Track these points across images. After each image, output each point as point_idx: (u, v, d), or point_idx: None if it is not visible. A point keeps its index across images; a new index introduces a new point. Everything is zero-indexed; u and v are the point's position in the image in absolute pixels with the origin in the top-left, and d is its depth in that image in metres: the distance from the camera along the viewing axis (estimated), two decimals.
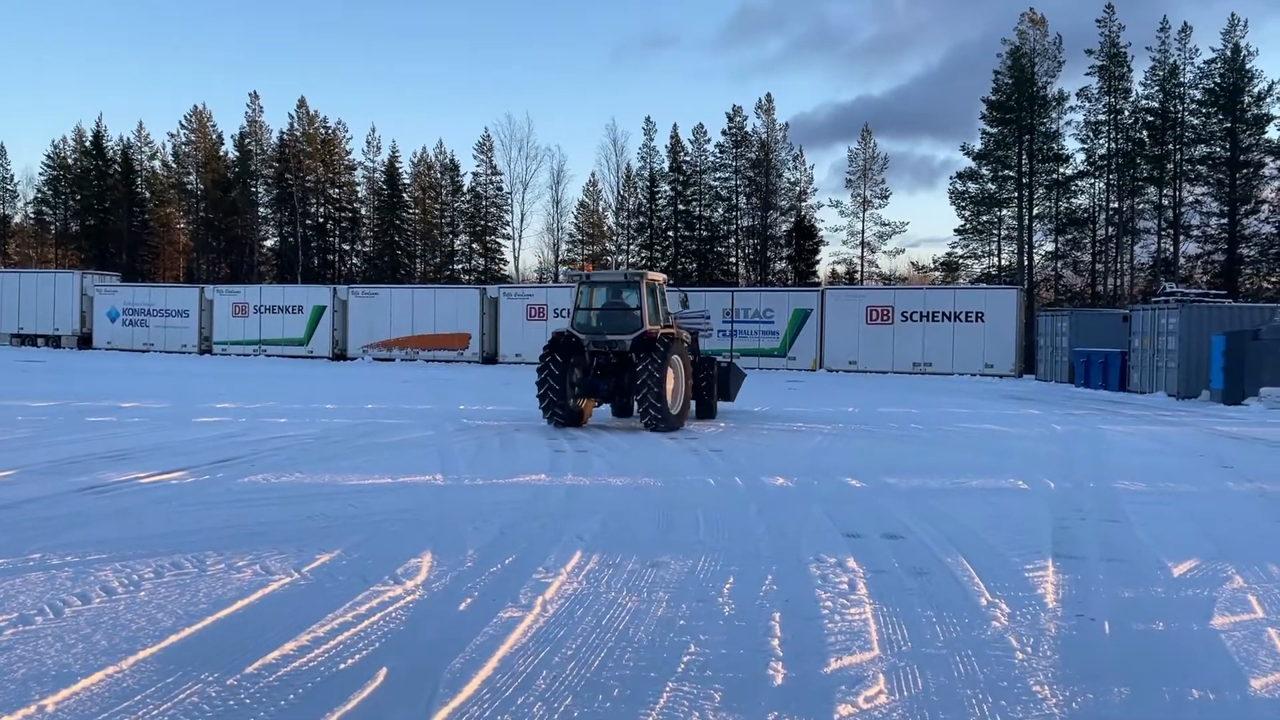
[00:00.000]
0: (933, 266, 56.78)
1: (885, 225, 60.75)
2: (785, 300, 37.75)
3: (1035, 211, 51.49)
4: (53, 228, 75.70)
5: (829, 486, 9.68)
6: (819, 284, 57.31)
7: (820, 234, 63.33)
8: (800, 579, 6.04)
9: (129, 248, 70.40)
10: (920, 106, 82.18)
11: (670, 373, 14.64)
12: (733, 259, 66.85)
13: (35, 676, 4.08)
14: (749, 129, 64.21)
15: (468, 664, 4.41)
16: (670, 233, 66.98)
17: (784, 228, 64.12)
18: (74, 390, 20.84)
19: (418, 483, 9.45)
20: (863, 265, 60.95)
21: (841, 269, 62.35)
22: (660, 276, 16.90)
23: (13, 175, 77.98)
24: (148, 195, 73.69)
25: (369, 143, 72.84)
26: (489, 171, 69.98)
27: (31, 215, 77.39)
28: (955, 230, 54.92)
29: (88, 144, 73.55)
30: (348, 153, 72.82)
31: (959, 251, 55.11)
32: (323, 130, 71.57)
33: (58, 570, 5.87)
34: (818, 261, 63.73)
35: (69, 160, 74.61)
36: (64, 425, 13.96)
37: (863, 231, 60.74)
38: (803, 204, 64.07)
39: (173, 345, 44.29)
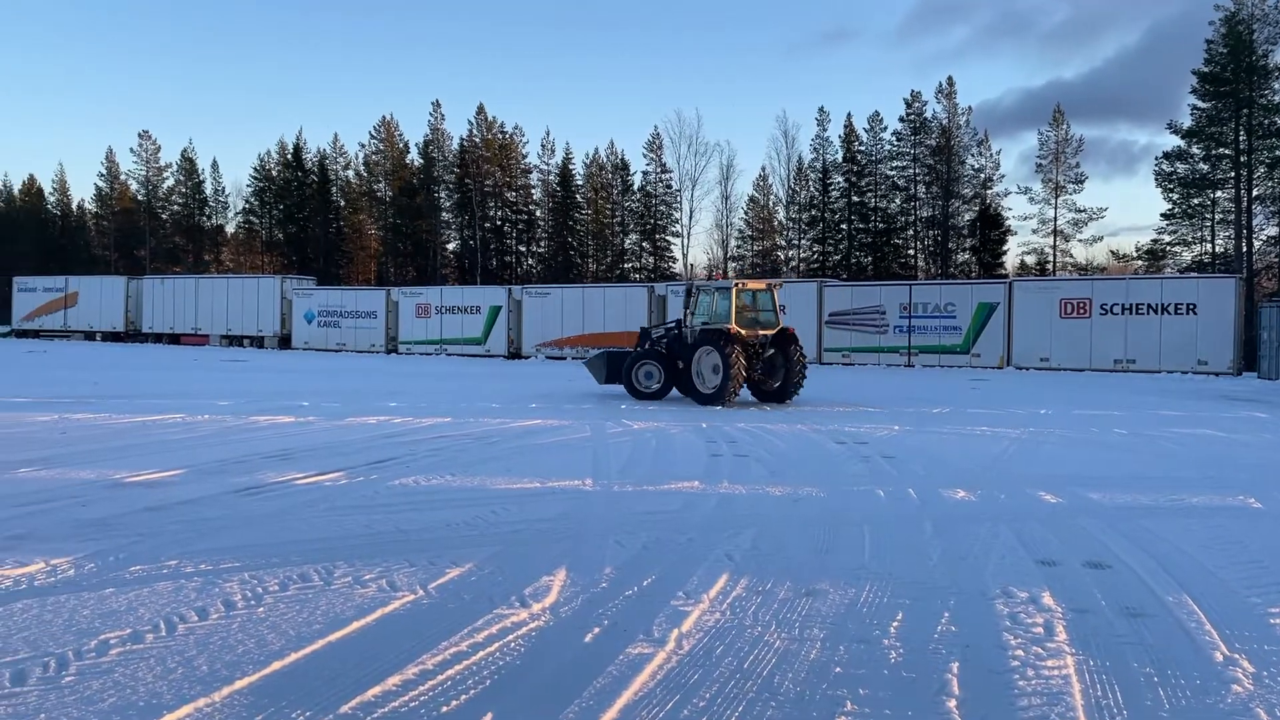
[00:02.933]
0: (1135, 255, 52.41)
1: (1080, 212, 56.69)
2: (968, 293, 35.61)
3: (1255, 192, 46.62)
4: (259, 236, 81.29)
5: (1018, 502, 8.59)
6: (1006, 275, 54.10)
7: (1008, 223, 59.84)
8: (984, 618, 5.15)
9: (325, 253, 74.69)
10: (1117, 88, 76.56)
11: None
12: (911, 251, 64.22)
13: (121, 708, 3.79)
14: (928, 115, 61.38)
15: (583, 713, 3.83)
16: (844, 225, 65.01)
17: (967, 217, 60.98)
18: (264, 389, 21.87)
19: (566, 488, 9.01)
20: (1055, 255, 57.12)
21: (1031, 260, 58.68)
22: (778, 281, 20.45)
23: (224, 188, 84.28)
24: (342, 203, 78.01)
25: (544, 146, 74.26)
26: (658, 169, 70.06)
27: (241, 224, 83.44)
28: (1161, 215, 50.60)
29: (289, 156, 78.56)
30: (524, 156, 74.66)
31: (1166, 238, 50.67)
32: (500, 135, 73.64)
33: (187, 580, 5.71)
34: (1005, 252, 60.24)
35: (273, 172, 79.97)
36: (240, 425, 14.44)
37: (1055, 219, 56.93)
38: (988, 191, 60.71)
39: (362, 345, 46.44)
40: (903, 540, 6.99)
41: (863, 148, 64.20)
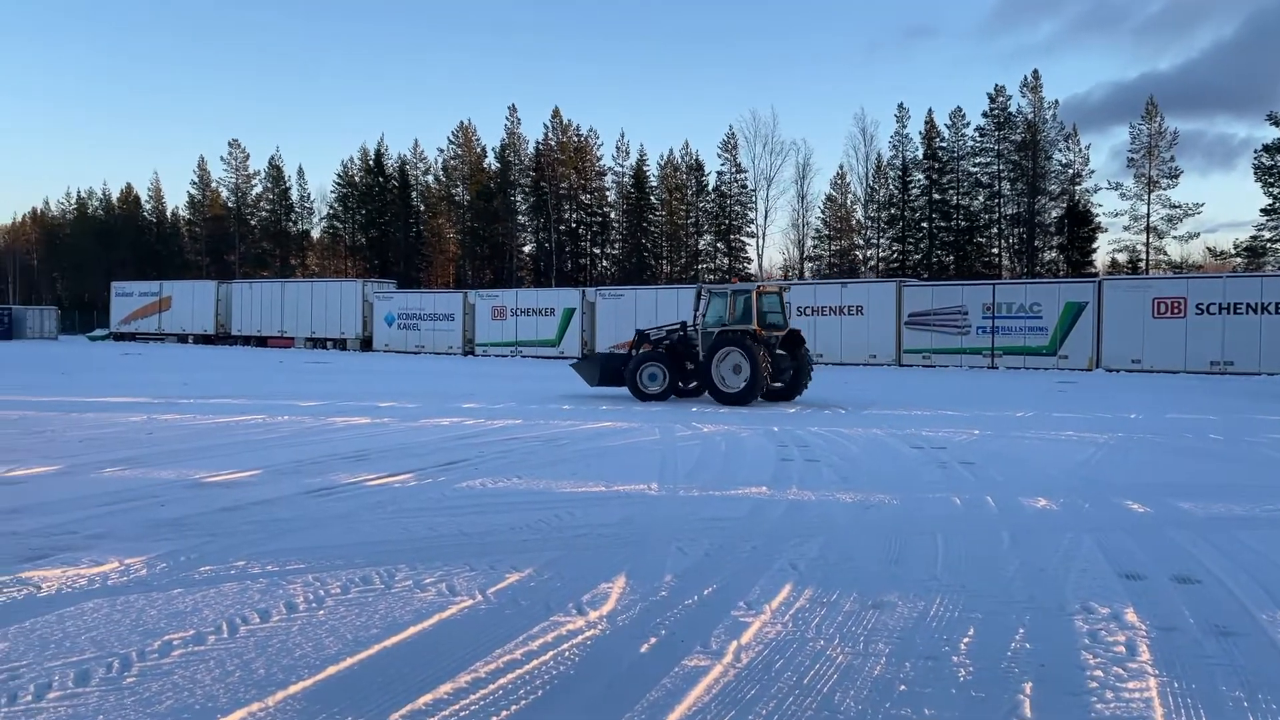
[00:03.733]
0: (1234, 253, 50.22)
1: (1175, 208, 54.65)
2: (1055, 293, 34.58)
3: None
4: (343, 240, 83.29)
5: (1103, 511, 8.22)
6: (1095, 274, 52.43)
7: (1097, 220, 57.98)
8: (1061, 635, 4.90)
9: (405, 256, 76.18)
10: (1215, 80, 73.74)
11: None
12: (994, 250, 62.69)
13: (176, 711, 3.82)
14: (1013, 110, 59.82)
15: None
16: (924, 224, 63.77)
17: (1054, 214, 59.28)
18: (343, 390, 22.33)
19: (631, 492, 8.93)
20: (1148, 253, 55.14)
21: (1123, 257, 56.78)
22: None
23: (309, 194, 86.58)
24: (422, 207, 79.50)
25: (618, 148, 74.56)
26: (733, 169, 69.72)
27: (326, 229, 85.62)
28: (1261, 211, 48.46)
29: (370, 163, 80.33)
30: (598, 159, 75.06)
31: (1266, 234, 48.47)
32: (575, 138, 74.12)
33: (252, 581, 5.77)
34: (1094, 250, 58.42)
35: (355, 178, 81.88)
36: (318, 426, 14.72)
37: (1148, 215, 54.97)
38: (1076, 187, 58.93)
39: (440, 347, 47.20)
40: (978, 551, 6.73)
41: (944, 144, 62.90)
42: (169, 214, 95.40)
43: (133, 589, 5.56)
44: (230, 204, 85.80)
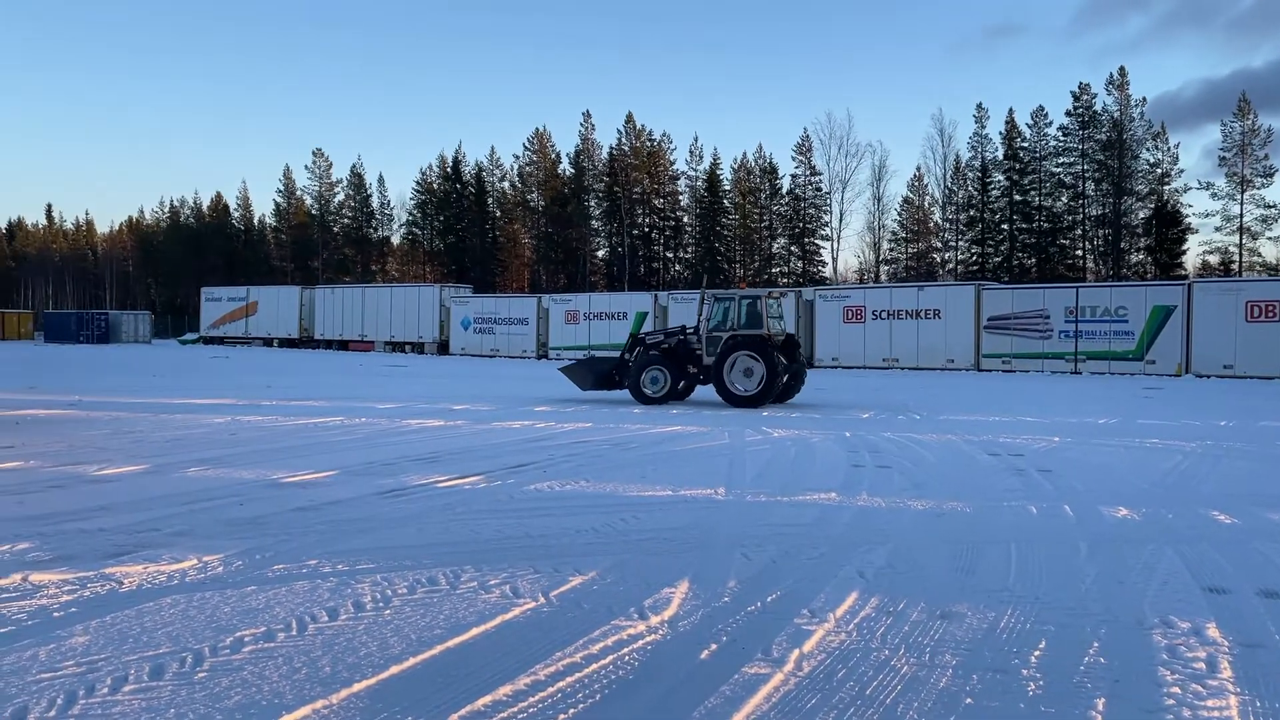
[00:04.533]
0: None
1: (1269, 208, 52.53)
2: (1142, 296, 33.48)
3: None
4: (421, 246, 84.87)
5: (1188, 522, 7.91)
6: (1185, 276, 50.61)
7: (1187, 220, 55.94)
8: (1138, 650, 4.72)
9: (481, 262, 77.26)
10: None
11: None
12: (1078, 252, 61.01)
13: (244, 707, 3.91)
14: (1098, 108, 58.14)
15: None
16: (1005, 225, 62.36)
17: (1141, 215, 57.44)
18: (418, 393, 22.74)
19: (698, 497, 8.90)
20: (1241, 254, 53.04)
21: (1214, 259, 54.70)
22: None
23: (389, 201, 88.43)
24: (497, 213, 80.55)
25: (691, 152, 74.66)
26: (807, 172, 69.14)
27: (405, 236, 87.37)
28: None
29: (448, 170, 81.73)
30: (671, 163, 75.15)
31: None
32: (648, 143, 74.31)
33: (323, 580, 5.90)
34: (1184, 252, 56.42)
35: (433, 185, 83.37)
36: (393, 428, 15.01)
37: (1240, 216, 52.92)
38: (1165, 187, 57.02)
39: (514, 351, 47.75)
40: (1053, 561, 6.53)
41: (1025, 144, 61.46)
42: (256, 221, 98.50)
43: (209, 586, 5.73)
44: (314, 211, 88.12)
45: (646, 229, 74.59)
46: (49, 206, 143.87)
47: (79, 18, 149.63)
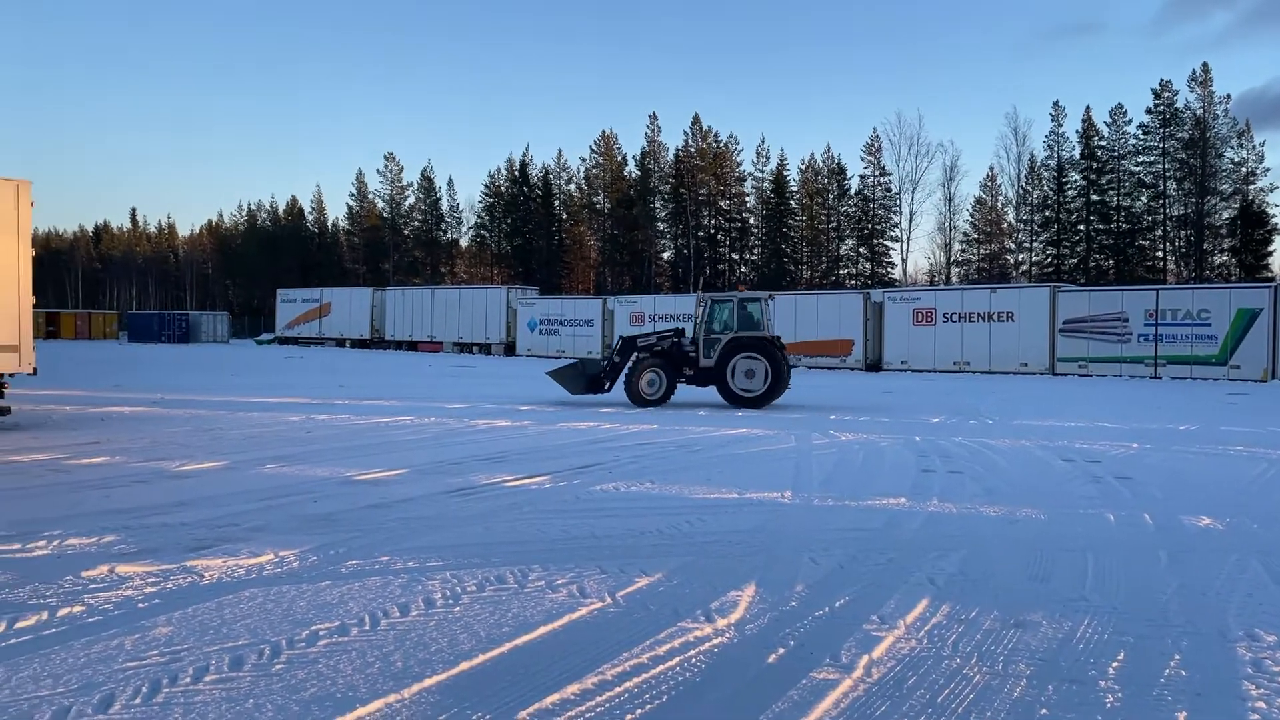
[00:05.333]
0: None
1: None
2: (1225, 298, 32.34)
3: None
4: (489, 248, 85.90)
5: (1275, 533, 7.62)
6: (1271, 278, 48.79)
7: (1274, 220, 53.89)
8: (1221, 662, 4.56)
9: (547, 263, 77.87)
10: None
11: None
12: (1159, 253, 59.25)
13: (320, 699, 4.01)
14: (1179, 105, 56.38)
15: None
16: (1081, 226, 60.86)
17: (1225, 215, 55.54)
18: (486, 393, 23.01)
19: (764, 500, 8.85)
20: None
21: None
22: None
23: (458, 204, 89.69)
24: (564, 215, 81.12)
25: (758, 153, 74.30)
26: (877, 172, 68.30)
27: (473, 238, 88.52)
28: None
29: (516, 173, 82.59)
30: (738, 164, 74.86)
31: None
32: (715, 144, 74.14)
33: (394, 576, 6.01)
34: (1270, 253, 54.38)
35: (501, 188, 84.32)
36: (461, 428, 15.21)
37: None
38: (1250, 187, 55.05)
39: (580, 352, 47.96)
40: (1132, 570, 6.35)
41: (1104, 143, 59.89)
42: (329, 224, 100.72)
43: (285, 580, 5.87)
44: (385, 214, 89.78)
45: (712, 230, 74.42)
46: (133, 210, 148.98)
47: (160, 28, 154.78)
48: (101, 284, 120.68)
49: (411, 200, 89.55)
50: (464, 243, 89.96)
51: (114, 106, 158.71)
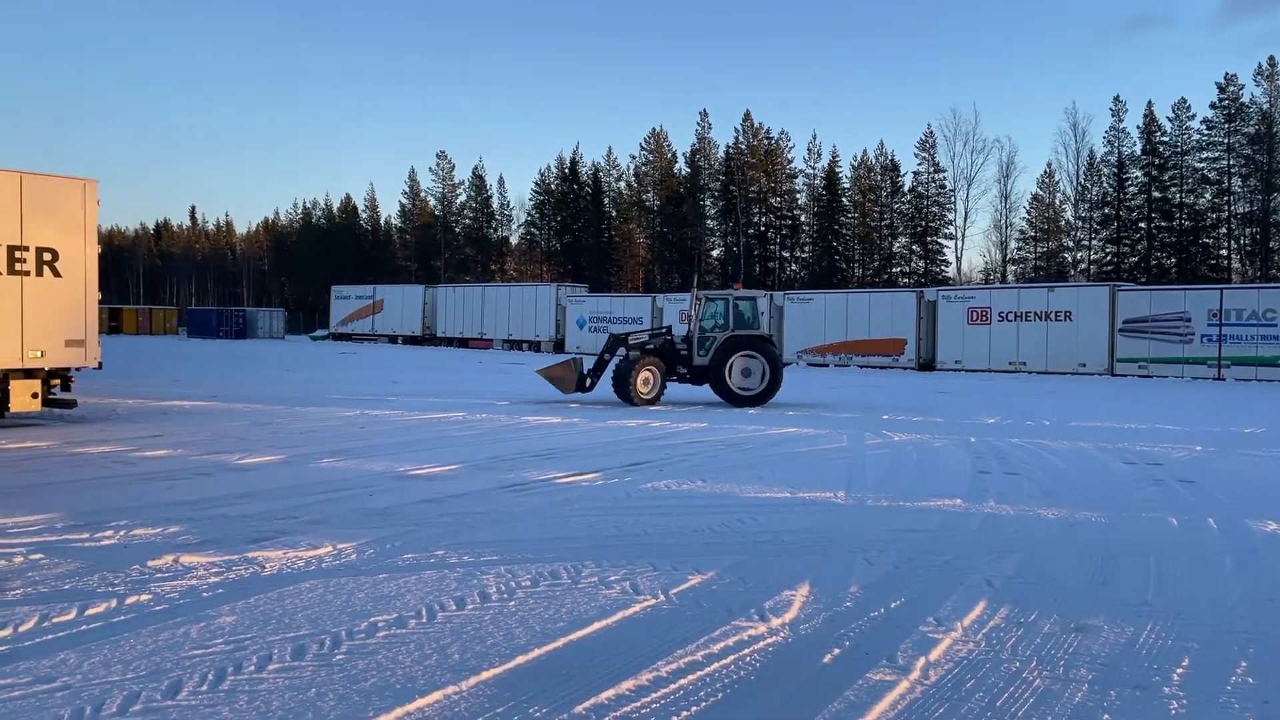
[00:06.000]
0: None
1: None
2: None
3: None
4: (539, 246, 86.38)
5: None
6: None
7: None
8: None
9: (597, 261, 78.08)
10: None
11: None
12: (1223, 251, 57.79)
13: (379, 689, 4.07)
14: (1245, 99, 54.88)
15: None
16: (1142, 224, 59.52)
17: None
18: (536, 391, 23.12)
19: (817, 500, 8.80)
20: None
21: None
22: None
23: (509, 202, 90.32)
24: (613, 213, 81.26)
25: (810, 150, 73.82)
26: (931, 169, 67.47)
27: (524, 236, 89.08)
28: None
29: (566, 171, 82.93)
30: (789, 161, 74.41)
31: None
32: (765, 141, 73.75)
33: (450, 570, 6.08)
34: None
35: (551, 186, 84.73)
36: (512, 424, 15.32)
37: None
38: None
39: None
40: (1196, 575, 6.20)
41: (1166, 138, 58.51)
42: (382, 222, 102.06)
43: (343, 572, 5.97)
44: (437, 212, 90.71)
45: (762, 228, 74.07)
46: (193, 208, 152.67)
47: (219, 29, 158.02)
48: (162, 280, 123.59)
49: (463, 198, 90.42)
50: (514, 240, 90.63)
51: (174, 106, 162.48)
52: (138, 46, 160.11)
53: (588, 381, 19.58)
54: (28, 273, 13.91)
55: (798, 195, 74.69)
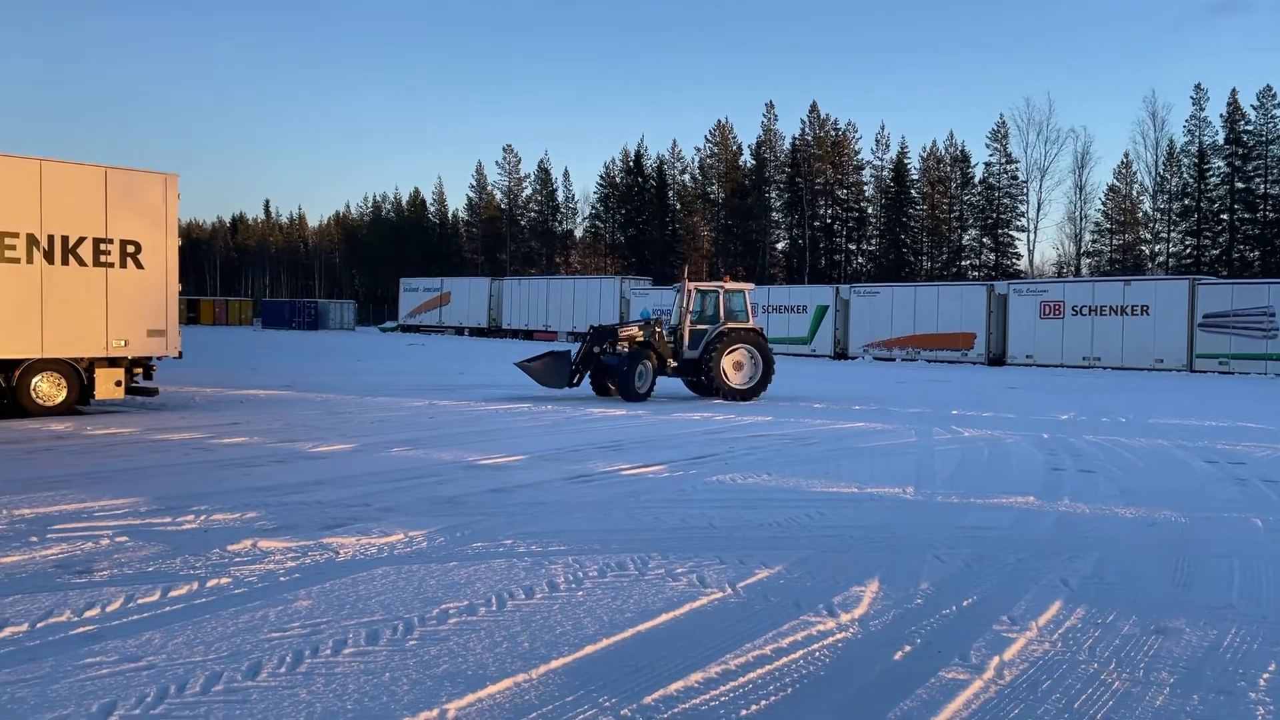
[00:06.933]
0: None
1: None
2: None
3: None
4: (603, 239, 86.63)
5: None
6: None
7: None
8: None
9: (661, 254, 78.02)
10: None
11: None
12: None
13: (451, 675, 4.13)
14: None
15: None
16: (1224, 215, 57.55)
17: None
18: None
19: (885, 495, 8.69)
20: None
21: None
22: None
23: (574, 195, 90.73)
24: (678, 206, 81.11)
25: (878, 141, 72.76)
26: (1003, 160, 66.04)
27: (588, 229, 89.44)
28: None
29: (630, 163, 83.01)
30: (856, 153, 73.47)
31: None
32: (833, 133, 72.91)
33: (519, 559, 6.14)
34: None
35: (616, 179, 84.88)
36: (578, 416, 15.41)
37: None
38: None
39: None
40: None
41: (1250, 127, 56.45)
42: (449, 215, 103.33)
43: (415, 559, 6.08)
44: (503, 206, 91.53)
45: (828, 220, 73.28)
46: (267, 202, 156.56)
47: (290, 28, 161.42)
48: (238, 272, 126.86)
49: (528, 191, 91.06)
50: (578, 233, 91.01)
51: (250, 102, 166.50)
52: (217, 47, 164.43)
53: (575, 378, 18.39)
54: (112, 264, 14.39)
55: (865, 187, 73.72)
